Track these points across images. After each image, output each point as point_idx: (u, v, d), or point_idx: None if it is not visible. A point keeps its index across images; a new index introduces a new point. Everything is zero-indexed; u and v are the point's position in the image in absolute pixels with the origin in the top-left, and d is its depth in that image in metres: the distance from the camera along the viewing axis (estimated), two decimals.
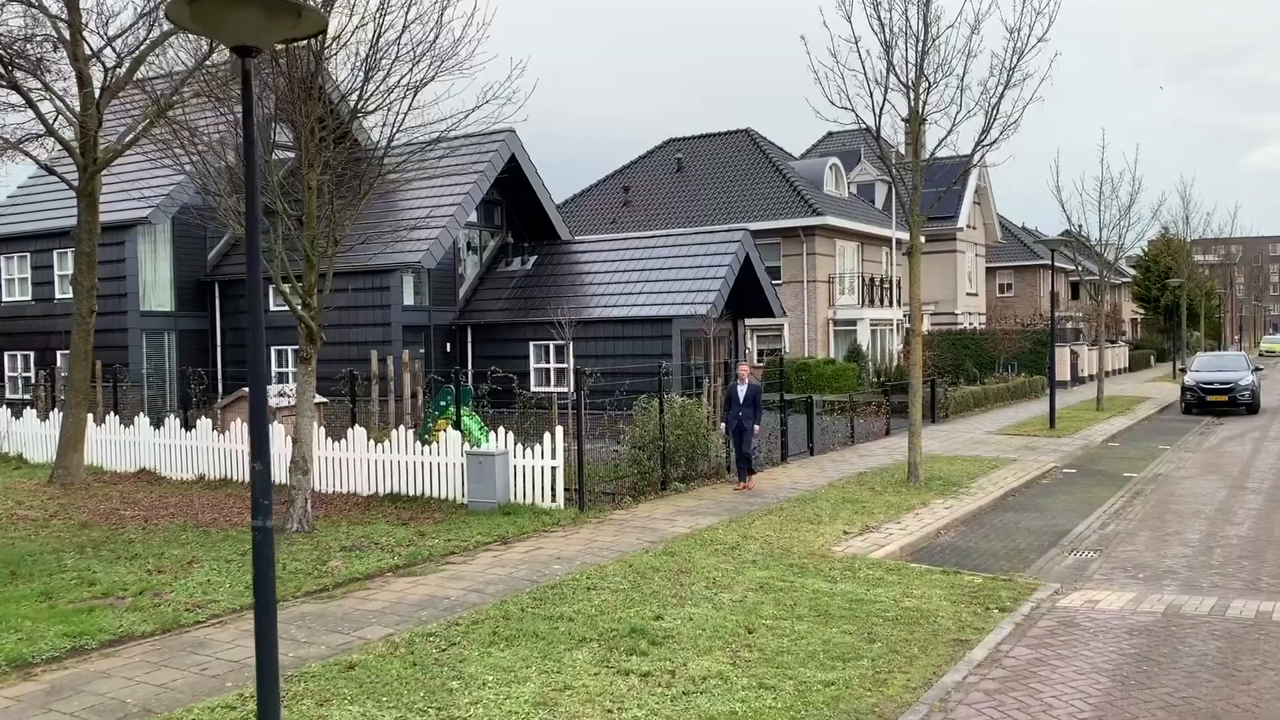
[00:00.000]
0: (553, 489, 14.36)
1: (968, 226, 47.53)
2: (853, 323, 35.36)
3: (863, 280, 36.73)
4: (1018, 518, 14.80)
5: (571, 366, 16.74)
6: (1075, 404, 33.16)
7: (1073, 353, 43.89)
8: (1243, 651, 8.25)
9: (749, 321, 35.05)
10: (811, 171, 37.93)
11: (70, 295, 19.45)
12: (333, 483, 16.23)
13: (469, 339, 25.93)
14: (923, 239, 42.34)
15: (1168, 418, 30.66)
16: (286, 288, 13.19)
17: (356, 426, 16.29)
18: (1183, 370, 34.97)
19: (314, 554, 11.86)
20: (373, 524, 13.72)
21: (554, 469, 14.34)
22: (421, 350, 25.28)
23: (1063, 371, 42.54)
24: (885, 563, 11.41)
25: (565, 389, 24.62)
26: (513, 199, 27.98)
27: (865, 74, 16.19)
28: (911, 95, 16.47)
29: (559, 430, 14.39)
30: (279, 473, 16.46)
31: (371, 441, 15.92)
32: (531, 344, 25.03)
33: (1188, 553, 12.28)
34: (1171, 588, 10.58)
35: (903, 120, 16.81)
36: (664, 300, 23.66)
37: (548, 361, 24.97)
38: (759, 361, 32.60)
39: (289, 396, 18.05)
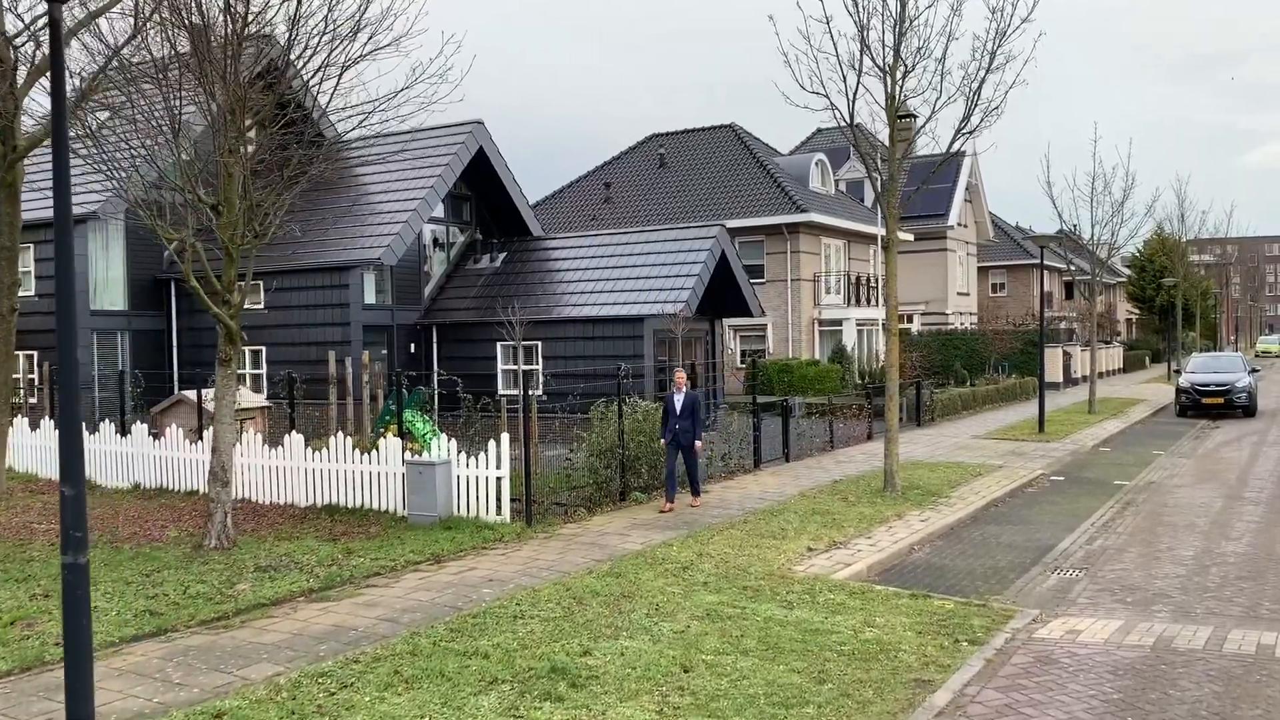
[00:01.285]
0: (498, 501, 13.33)
1: (958, 225, 46.56)
2: (838, 323, 34.35)
3: (848, 279, 35.73)
4: (999, 531, 13.79)
5: (523, 368, 15.69)
6: (1067, 406, 32.18)
7: (1065, 353, 42.92)
8: (1242, 699, 7.23)
9: (732, 322, 34.08)
10: (797, 168, 36.93)
11: None
12: (269, 493, 15.19)
13: (434, 339, 24.89)
14: (911, 236, 41.57)
15: (1162, 421, 29.67)
16: (205, 285, 12.09)
17: (294, 433, 15.23)
18: (1177, 372, 34.00)
19: (224, 575, 10.82)
20: (300, 539, 12.68)
21: (499, 479, 13.31)
22: (384, 351, 24.24)
23: (1055, 373, 41.59)
24: (849, 585, 10.39)
25: (535, 391, 23.61)
26: (483, 194, 26.95)
27: (838, 56, 15.20)
28: (888, 80, 15.46)
29: (505, 438, 13.36)
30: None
31: (309, 449, 14.88)
32: (498, 345, 23.99)
33: (1181, 572, 11.27)
34: (1163, 614, 9.57)
35: (880, 107, 15.78)
36: (636, 299, 22.64)
37: (515, 363, 23.94)
38: (741, 363, 31.61)
39: None
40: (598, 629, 8.80)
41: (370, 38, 11.91)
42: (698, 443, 14.57)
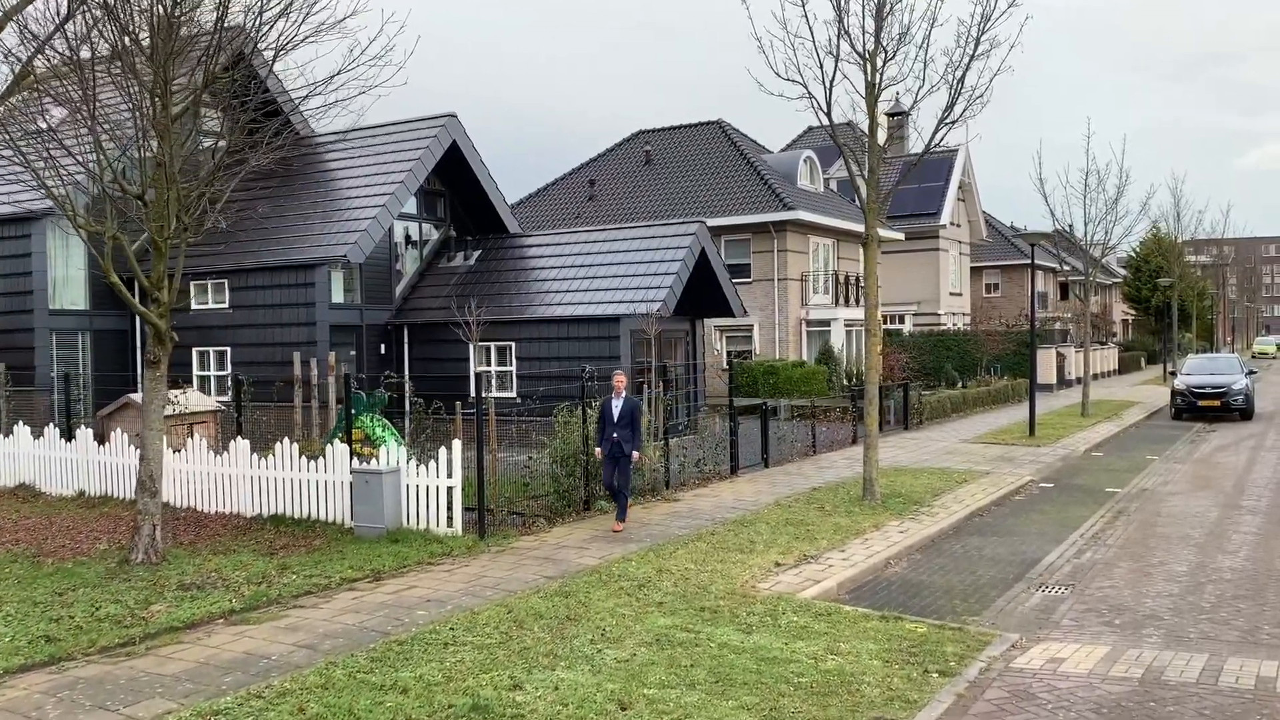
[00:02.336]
0: (449, 512, 12.53)
1: (951, 224, 45.77)
2: (826, 323, 33.56)
3: (837, 279, 34.94)
4: (982, 543, 13.01)
5: (476, 370, 14.87)
6: (1060, 409, 31.43)
7: (1059, 354, 42.17)
8: None
9: (718, 322, 33.33)
10: (785, 165, 36.14)
11: None
12: (214, 502, 14.39)
13: (406, 340, 24.08)
14: (902, 235, 40.79)
15: (1157, 424, 28.93)
16: (126, 281, 11.28)
17: (240, 439, 14.43)
18: (1173, 373, 33.23)
19: (142, 594, 10.03)
20: (236, 553, 11.90)
21: (450, 489, 12.51)
22: (352, 352, 23.43)
23: (1048, 374, 40.85)
24: (815, 605, 9.61)
25: (510, 393, 22.84)
26: (458, 190, 26.14)
27: (814, 42, 14.43)
28: (868, 67, 14.69)
29: (457, 444, 12.56)
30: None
31: (255, 456, 14.08)
32: (470, 346, 23.17)
33: (1174, 590, 10.50)
34: (1153, 639, 8.80)
35: (860, 96, 15.01)
36: (613, 298, 21.84)
37: (489, 365, 23.15)
38: (726, 365, 30.82)
39: (176, 404, 16.21)
40: (534, 657, 8.02)
41: (305, 17, 11.11)
42: (635, 453, 13.21)
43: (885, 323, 44.24)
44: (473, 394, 22.26)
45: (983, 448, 22.03)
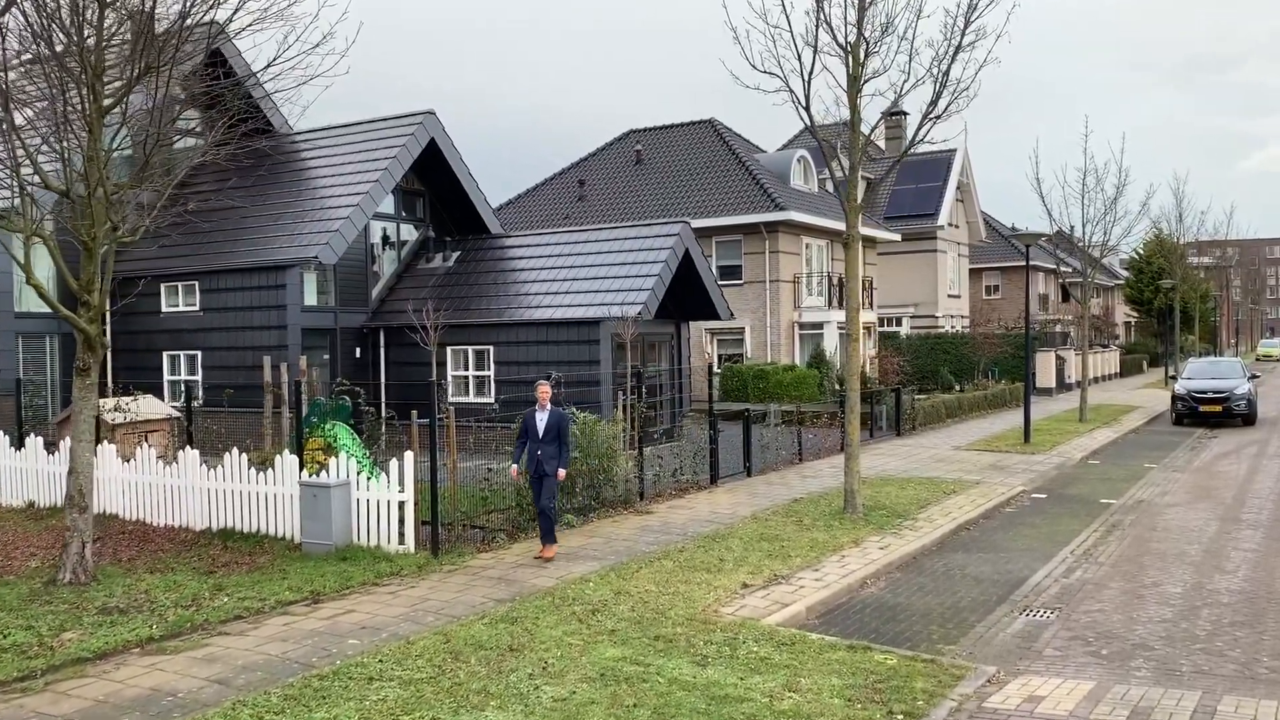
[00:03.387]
0: (400, 528, 11.85)
1: (949, 225, 45.03)
2: (819, 326, 32.84)
3: (830, 280, 34.22)
4: (966, 560, 12.32)
5: (433, 378, 14.20)
6: (1058, 413, 30.72)
7: (1059, 357, 41.44)
8: None
9: (709, 325, 32.63)
10: (777, 164, 35.44)
11: None
12: (164, 514, 13.73)
13: (382, 343, 23.41)
14: (898, 236, 40.05)
15: (1157, 429, 28.20)
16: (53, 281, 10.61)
17: (189, 449, 13.76)
18: (1174, 377, 32.53)
19: (60, 619, 9.36)
20: (174, 571, 11.23)
21: (402, 504, 11.84)
22: (326, 356, 22.78)
23: (1047, 378, 40.17)
24: (780, 633, 8.92)
25: (488, 399, 22.17)
26: (437, 189, 25.48)
27: (793, 33, 13.75)
28: (850, 60, 14.02)
29: (409, 456, 11.89)
30: (104, 503, 14.01)
31: (204, 467, 13.42)
32: (449, 349, 22.53)
33: (1167, 615, 9.80)
34: (1143, 673, 8.11)
35: (842, 89, 14.32)
36: (593, 301, 21.16)
37: (466, 369, 22.48)
38: (718, 368, 30.14)
39: (125, 411, 15.55)
40: (464, 695, 7.35)
41: (244, 2, 10.45)
42: (561, 470, 11.77)
43: (881, 325, 43.57)
44: (471, 399, 21.74)
45: (975, 455, 21.32)
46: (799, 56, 13.72)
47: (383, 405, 23.00)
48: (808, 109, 13.94)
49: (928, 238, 44.04)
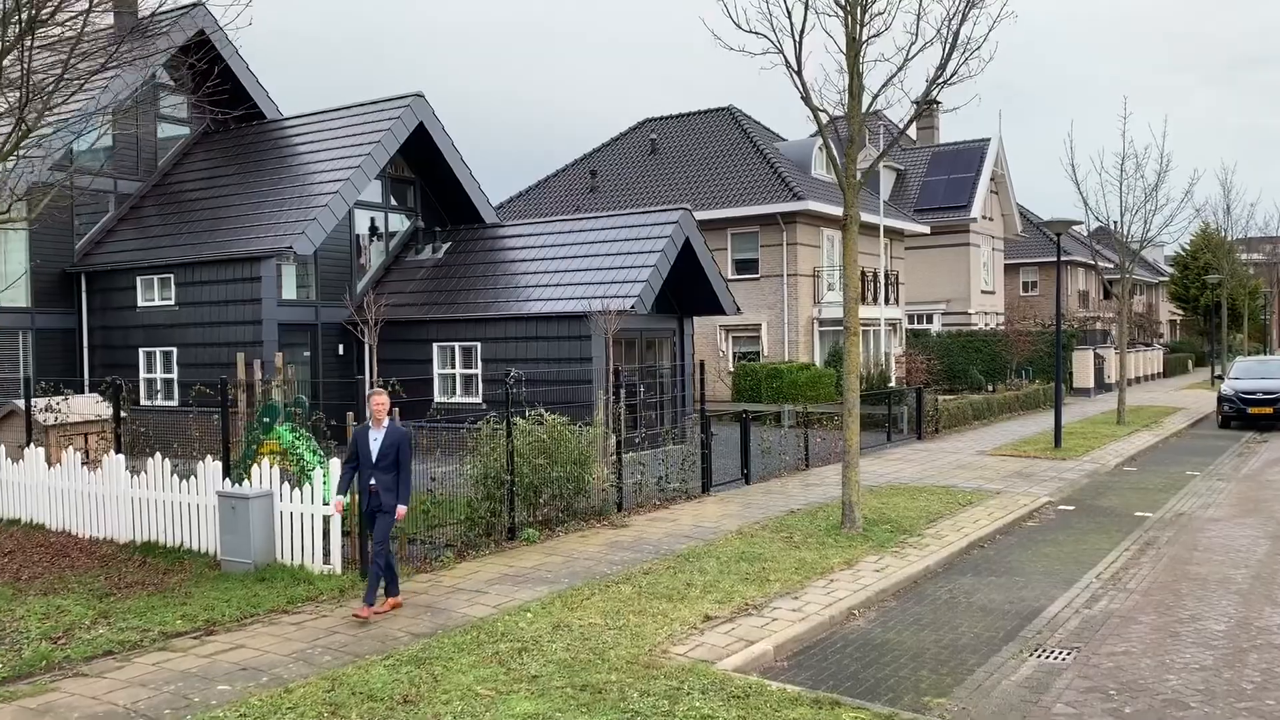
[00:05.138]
0: (326, 545, 10.50)
1: (983, 217, 43.11)
2: (839, 322, 31.15)
3: None
4: (974, 585, 10.75)
5: (370, 374, 12.83)
6: (1094, 416, 28.88)
7: (1097, 356, 39.42)
8: None
9: (724, 321, 31.11)
10: (798, 153, 33.83)
11: None
12: (91, 524, 12.50)
13: (367, 339, 22.12)
14: (927, 229, 38.25)
15: (1201, 433, 26.29)
16: None
17: (113, 454, 12.51)
18: (1220, 377, 30.52)
19: None
20: (68, 593, 9.96)
21: (327, 518, 10.48)
22: (306, 353, 21.56)
23: (1085, 378, 38.22)
24: (733, 681, 7.44)
25: (475, 398, 20.85)
26: (429, 177, 24.18)
27: None
28: (849, 19, 12.47)
29: (335, 464, 10.52)
30: (30, 512, 12.82)
31: (128, 473, 12.16)
32: (435, 345, 21.23)
33: (1207, 661, 8.20)
34: None
35: (841, 52, 12.78)
36: (585, 293, 19.73)
37: (453, 367, 21.15)
38: (732, 366, 28.61)
39: (57, 411, 14.34)
40: None
41: None
42: (401, 508, 9.17)
43: (910, 323, 41.76)
44: (459, 399, 20.36)
45: (1000, 461, 19.65)
46: (789, 13, 12.22)
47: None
48: (799, 74, 12.41)
49: (960, 230, 42.19)
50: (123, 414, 13.18)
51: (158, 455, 11.92)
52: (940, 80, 12.27)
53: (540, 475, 12.52)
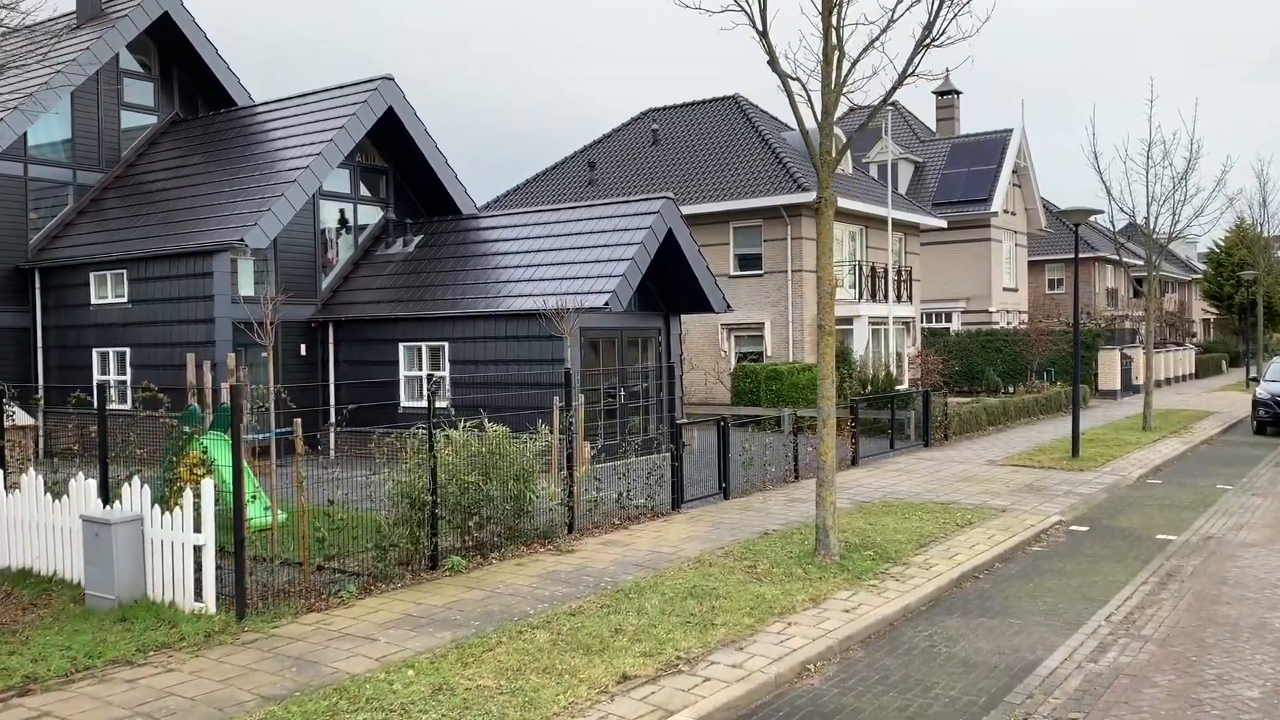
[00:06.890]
0: (198, 580, 9.02)
1: (1004, 211, 41.22)
2: (848, 320, 29.49)
3: (862, 270, 30.85)
4: (960, 630, 9.13)
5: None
6: (1119, 420, 27.05)
7: (1124, 356, 37.44)
8: None
9: (726, 320, 29.48)
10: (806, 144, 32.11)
11: None
12: None
13: (331, 339, 20.74)
14: (944, 223, 36.47)
15: (1234, 440, 24.41)
16: None
17: None
18: (1254, 379, 28.55)
19: None
20: None
21: (198, 548, 9.01)
22: (264, 354, 20.14)
23: (1111, 380, 36.30)
24: None
25: (443, 403, 19.37)
26: (402, 166, 22.75)
27: None
28: None
29: (207, 485, 9.04)
30: None
31: (3, 491, 10.76)
32: (401, 346, 19.80)
33: None
34: None
35: (817, 13, 11.18)
36: (559, 289, 18.22)
37: (420, 368, 19.70)
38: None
39: None
40: None
41: None
42: None
43: (928, 321, 39.98)
44: (424, 404, 18.74)
45: (1010, 472, 17.95)
46: None
47: (331, 410, 20.40)
48: (765, 35, 10.81)
49: (980, 225, 40.35)
50: (5, 424, 11.77)
51: (31, 471, 10.52)
52: (927, 40, 10.63)
53: (474, 494, 11.01)
